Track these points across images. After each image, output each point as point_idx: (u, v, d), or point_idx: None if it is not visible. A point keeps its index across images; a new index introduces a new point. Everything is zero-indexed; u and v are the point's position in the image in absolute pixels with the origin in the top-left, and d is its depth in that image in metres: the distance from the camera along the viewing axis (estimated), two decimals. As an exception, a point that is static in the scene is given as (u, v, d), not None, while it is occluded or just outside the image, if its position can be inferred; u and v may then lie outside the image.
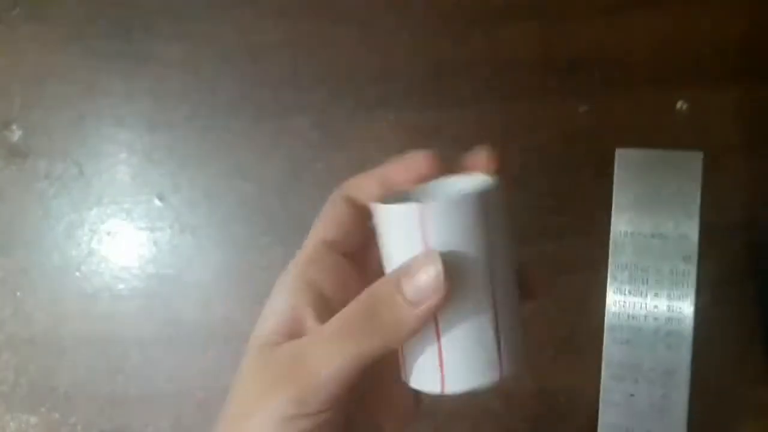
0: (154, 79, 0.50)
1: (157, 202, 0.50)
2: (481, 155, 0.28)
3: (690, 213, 0.25)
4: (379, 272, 0.26)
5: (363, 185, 0.28)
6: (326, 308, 0.26)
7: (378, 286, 0.25)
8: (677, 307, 0.25)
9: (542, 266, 0.46)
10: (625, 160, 0.26)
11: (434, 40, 0.49)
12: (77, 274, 0.49)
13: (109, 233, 0.50)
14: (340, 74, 0.49)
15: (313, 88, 0.49)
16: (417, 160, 0.27)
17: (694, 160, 0.26)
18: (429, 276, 0.23)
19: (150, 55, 0.50)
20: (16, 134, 0.51)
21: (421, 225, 0.24)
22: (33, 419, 0.48)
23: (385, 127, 0.49)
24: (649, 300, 0.25)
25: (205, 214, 0.49)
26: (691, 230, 0.25)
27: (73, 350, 0.49)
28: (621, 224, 0.25)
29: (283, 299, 0.27)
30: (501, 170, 0.27)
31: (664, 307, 0.25)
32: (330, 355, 0.24)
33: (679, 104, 0.47)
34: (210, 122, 0.50)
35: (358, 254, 0.28)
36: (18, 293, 0.49)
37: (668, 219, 0.25)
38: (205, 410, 0.47)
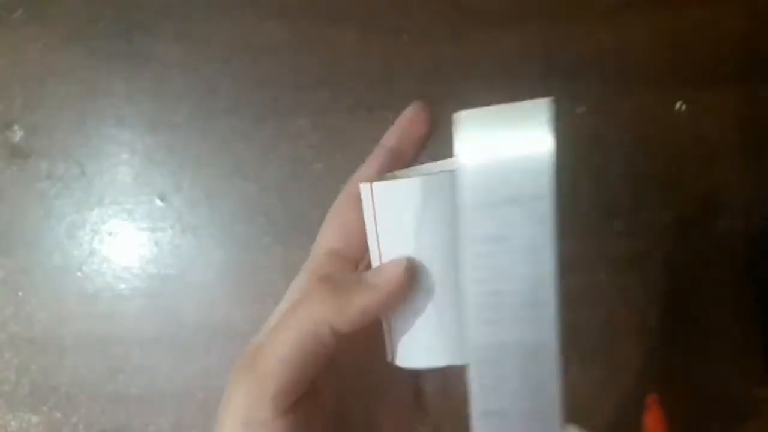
0: (155, 79, 0.50)
1: (158, 203, 0.50)
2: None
3: (541, 171, 0.22)
4: None
5: (368, 176, 0.27)
6: None
7: (345, 274, 0.25)
8: (539, 274, 0.23)
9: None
10: (468, 122, 0.23)
11: (434, 41, 0.49)
12: (79, 274, 0.49)
13: (110, 233, 0.50)
14: (340, 74, 0.49)
15: (313, 89, 0.49)
16: (415, 118, 0.27)
17: (542, 109, 0.23)
18: (394, 269, 0.23)
19: (151, 55, 0.50)
20: (17, 135, 0.51)
21: (373, 204, 0.24)
22: (34, 419, 0.48)
23: (385, 127, 0.49)
24: (510, 273, 0.23)
25: (206, 214, 0.49)
26: (545, 190, 0.22)
27: (75, 350, 0.49)
28: (467, 195, 0.23)
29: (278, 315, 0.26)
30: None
31: (527, 278, 0.23)
32: (278, 337, 0.23)
33: (678, 105, 0.47)
34: (211, 122, 0.50)
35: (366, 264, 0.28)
36: (19, 293, 0.49)
37: (521, 182, 0.22)
38: (206, 410, 0.47)
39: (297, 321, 0.23)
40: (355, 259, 0.27)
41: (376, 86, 0.49)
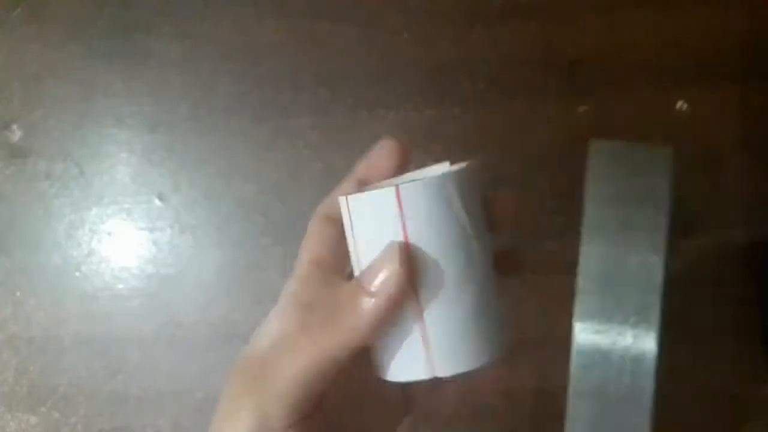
0: (154, 78, 0.50)
1: (156, 202, 0.50)
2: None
3: (660, 206, 0.24)
4: None
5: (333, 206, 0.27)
6: None
7: (341, 287, 0.24)
8: (646, 301, 0.24)
9: (543, 266, 0.46)
10: (600, 153, 0.25)
11: (434, 40, 0.49)
12: (77, 274, 0.49)
13: (109, 233, 0.50)
14: (339, 74, 0.49)
15: (312, 88, 0.49)
16: (384, 153, 0.27)
17: (664, 156, 0.24)
18: (388, 268, 0.23)
19: (150, 54, 0.50)
20: (16, 134, 0.51)
21: (399, 209, 0.23)
22: (33, 419, 0.48)
23: (385, 127, 0.49)
24: (616, 297, 0.24)
25: (204, 214, 0.49)
26: (661, 223, 0.23)
27: (73, 350, 0.49)
28: (592, 219, 0.24)
29: (275, 322, 0.26)
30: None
31: (633, 304, 0.23)
32: (289, 358, 0.23)
33: (679, 104, 0.47)
34: (210, 122, 0.50)
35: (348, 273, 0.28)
36: (18, 293, 0.49)
37: (639, 213, 0.23)
38: (205, 410, 0.47)
39: (312, 344, 0.23)
40: (339, 268, 0.27)
41: (376, 85, 0.49)
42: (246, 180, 0.49)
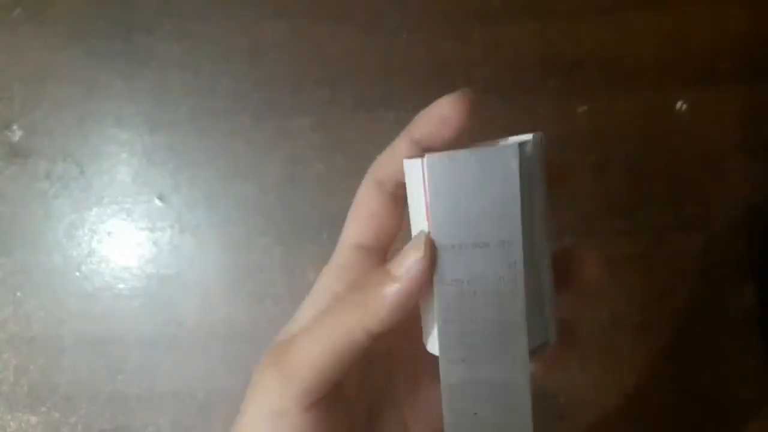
0: (155, 79, 0.50)
1: (157, 203, 0.50)
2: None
3: (509, 215, 0.21)
4: None
5: (392, 161, 0.24)
6: None
7: (370, 272, 0.23)
8: (508, 319, 0.22)
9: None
10: (436, 167, 0.22)
11: (434, 40, 0.49)
12: (77, 273, 0.49)
13: (109, 233, 0.50)
14: (340, 74, 0.49)
15: (313, 89, 0.49)
16: (451, 109, 0.24)
17: (510, 154, 0.21)
18: (413, 255, 0.21)
19: (150, 55, 0.50)
20: (16, 134, 0.51)
21: (424, 183, 0.22)
22: (33, 419, 0.48)
23: (385, 127, 0.49)
24: (479, 316, 0.22)
25: (205, 214, 0.49)
26: (514, 236, 0.21)
27: (74, 350, 0.49)
28: (443, 237, 0.22)
29: (308, 311, 0.25)
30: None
31: (496, 323, 0.22)
32: (310, 340, 0.23)
33: (678, 104, 0.47)
34: (210, 122, 0.50)
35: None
36: (18, 293, 0.49)
37: (488, 226, 0.21)
38: (206, 410, 0.47)
39: (330, 325, 0.23)
40: (383, 249, 0.26)
41: (376, 85, 0.49)
42: (246, 180, 0.49)
